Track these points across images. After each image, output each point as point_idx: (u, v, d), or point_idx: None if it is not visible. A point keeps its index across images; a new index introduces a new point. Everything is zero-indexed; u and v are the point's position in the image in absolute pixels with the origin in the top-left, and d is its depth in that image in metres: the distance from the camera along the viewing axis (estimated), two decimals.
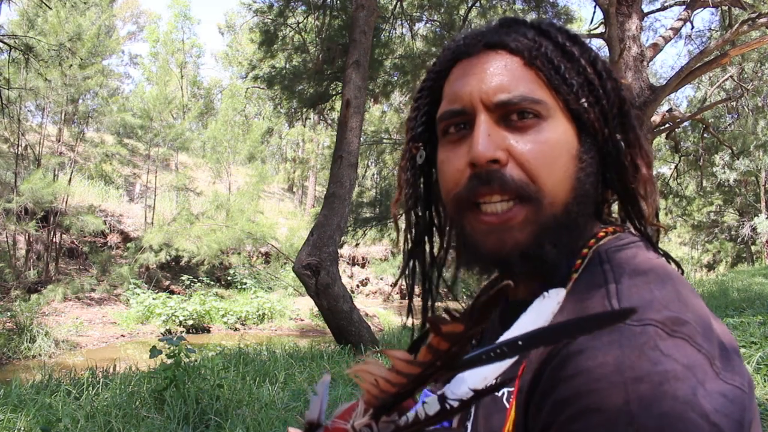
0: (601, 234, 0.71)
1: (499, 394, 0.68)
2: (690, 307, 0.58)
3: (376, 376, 0.45)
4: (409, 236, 0.84)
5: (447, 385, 0.53)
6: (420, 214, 0.84)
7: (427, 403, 0.50)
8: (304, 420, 0.51)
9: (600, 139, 0.71)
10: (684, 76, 10.57)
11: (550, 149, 0.68)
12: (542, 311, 0.63)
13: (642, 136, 0.72)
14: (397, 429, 0.48)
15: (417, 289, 0.86)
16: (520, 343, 0.42)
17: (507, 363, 0.59)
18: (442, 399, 0.48)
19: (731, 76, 16.18)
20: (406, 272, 0.85)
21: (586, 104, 0.70)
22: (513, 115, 0.69)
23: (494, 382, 0.55)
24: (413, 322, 0.83)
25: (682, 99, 32.57)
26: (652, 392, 0.50)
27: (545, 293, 0.65)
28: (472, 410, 0.75)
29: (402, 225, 0.85)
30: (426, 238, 0.85)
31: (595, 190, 0.72)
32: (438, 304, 0.85)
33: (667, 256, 0.73)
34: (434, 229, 0.86)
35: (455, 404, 0.47)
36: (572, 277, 0.67)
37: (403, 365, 0.44)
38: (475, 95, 0.70)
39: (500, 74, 0.70)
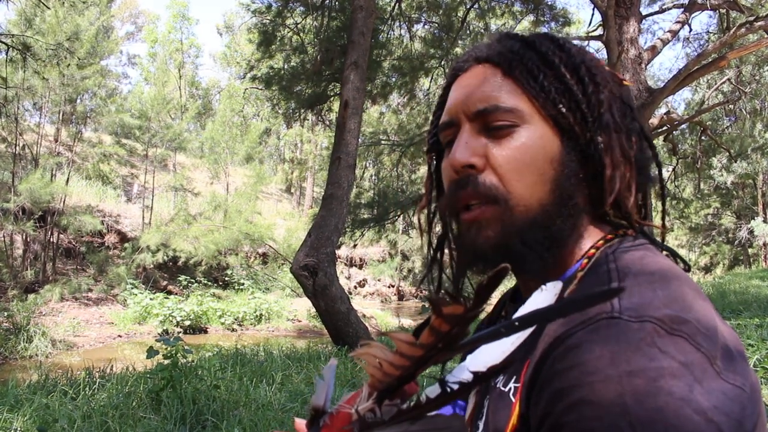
0: (610, 236, 0.72)
1: (506, 389, 0.69)
2: (694, 307, 0.57)
3: (380, 359, 0.46)
4: (431, 240, 0.90)
5: (449, 372, 0.53)
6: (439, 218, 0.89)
7: (428, 389, 0.51)
8: (310, 405, 0.51)
9: (582, 142, 0.73)
10: (682, 78, 10.60)
11: (522, 154, 0.71)
12: (540, 302, 0.65)
13: (616, 138, 0.73)
14: (399, 413, 0.48)
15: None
16: (517, 323, 0.43)
17: (508, 350, 0.60)
18: (443, 382, 0.48)
19: (729, 79, 16.24)
20: (430, 274, 0.90)
21: (563, 109, 0.72)
22: (492, 123, 0.72)
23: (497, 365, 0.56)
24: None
25: (679, 101, 32.67)
26: (646, 387, 0.50)
27: (543, 286, 0.67)
28: (485, 409, 0.75)
29: (425, 230, 0.91)
30: (445, 242, 0.89)
31: (583, 191, 0.74)
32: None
33: (674, 254, 0.74)
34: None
35: (455, 387, 0.47)
36: (578, 276, 0.68)
37: (406, 347, 0.44)
38: (459, 107, 0.76)
39: (480, 86, 0.74)
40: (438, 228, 0.90)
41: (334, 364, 0.55)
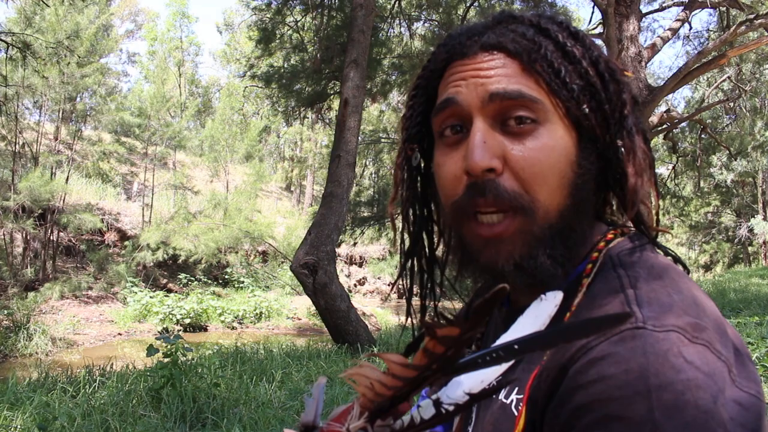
0: (610, 236, 0.69)
1: (508, 401, 0.67)
2: (707, 311, 0.57)
3: (372, 379, 0.45)
4: (406, 235, 0.82)
5: (443, 389, 0.52)
6: (417, 213, 0.82)
7: (422, 407, 0.50)
8: (300, 422, 0.50)
9: (601, 144, 0.69)
10: (682, 76, 10.59)
11: (546, 156, 0.65)
12: (539, 314, 0.62)
13: (637, 142, 0.69)
14: None
15: (415, 289, 0.85)
16: (516, 347, 0.42)
17: (504, 367, 0.59)
18: (437, 403, 0.48)
19: (729, 77, 16.21)
20: (405, 272, 0.83)
21: (587, 110, 0.67)
22: (510, 120, 0.66)
23: (492, 385, 0.55)
24: (412, 323, 0.83)
25: (679, 100, 32.64)
26: (675, 401, 0.49)
27: (542, 296, 0.64)
28: (473, 415, 0.74)
29: (399, 224, 0.83)
30: (424, 236, 0.83)
31: (595, 194, 0.70)
32: (439, 303, 0.85)
33: (675, 258, 0.71)
34: (432, 228, 0.84)
35: (450, 408, 0.47)
36: (584, 282, 0.65)
37: (398, 369, 0.43)
38: (469, 97, 0.68)
39: (496, 76, 0.67)
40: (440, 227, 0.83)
41: (323, 382, 0.54)
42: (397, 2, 13.02)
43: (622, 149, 0.68)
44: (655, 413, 0.49)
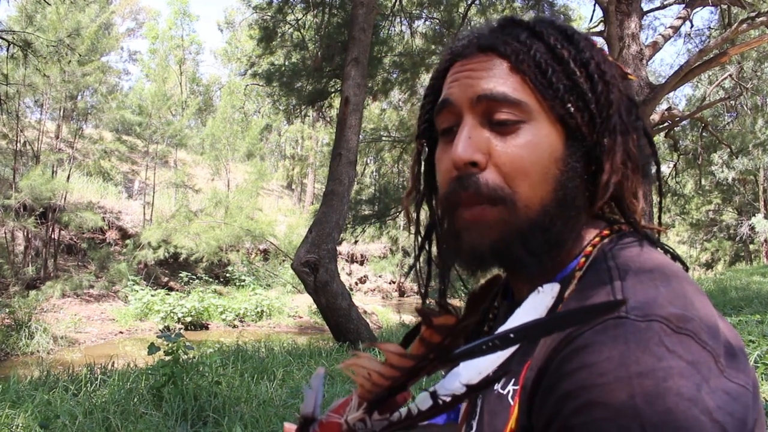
0: (605, 232, 0.71)
1: (505, 392, 0.68)
2: (695, 304, 0.57)
3: (369, 369, 0.45)
4: (419, 229, 0.86)
5: (440, 381, 0.53)
6: (427, 207, 0.86)
7: (418, 399, 0.50)
8: (299, 414, 0.51)
9: (588, 142, 0.71)
10: (683, 74, 10.56)
11: (529, 153, 0.68)
12: (537, 306, 0.63)
13: (620, 141, 0.71)
14: (390, 425, 0.48)
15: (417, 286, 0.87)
16: (511, 335, 0.42)
17: (502, 357, 0.60)
18: (434, 395, 0.48)
19: (730, 75, 16.18)
20: (418, 266, 0.86)
21: (572, 109, 0.69)
22: (497, 115, 0.69)
23: (489, 376, 0.55)
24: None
25: (681, 97, 32.62)
26: (656, 388, 0.50)
27: (539, 288, 0.66)
28: (477, 408, 0.75)
29: (413, 217, 0.86)
30: (434, 231, 0.85)
31: (583, 192, 0.72)
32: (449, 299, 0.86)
33: (673, 254, 0.72)
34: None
35: (447, 399, 0.47)
36: (576, 275, 0.67)
37: (396, 358, 0.43)
38: (461, 93, 0.71)
39: (486, 77, 0.70)
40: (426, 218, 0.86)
41: (322, 373, 0.54)
42: (398, 0, 13.02)
43: (605, 148, 0.70)
44: (636, 399, 0.50)
